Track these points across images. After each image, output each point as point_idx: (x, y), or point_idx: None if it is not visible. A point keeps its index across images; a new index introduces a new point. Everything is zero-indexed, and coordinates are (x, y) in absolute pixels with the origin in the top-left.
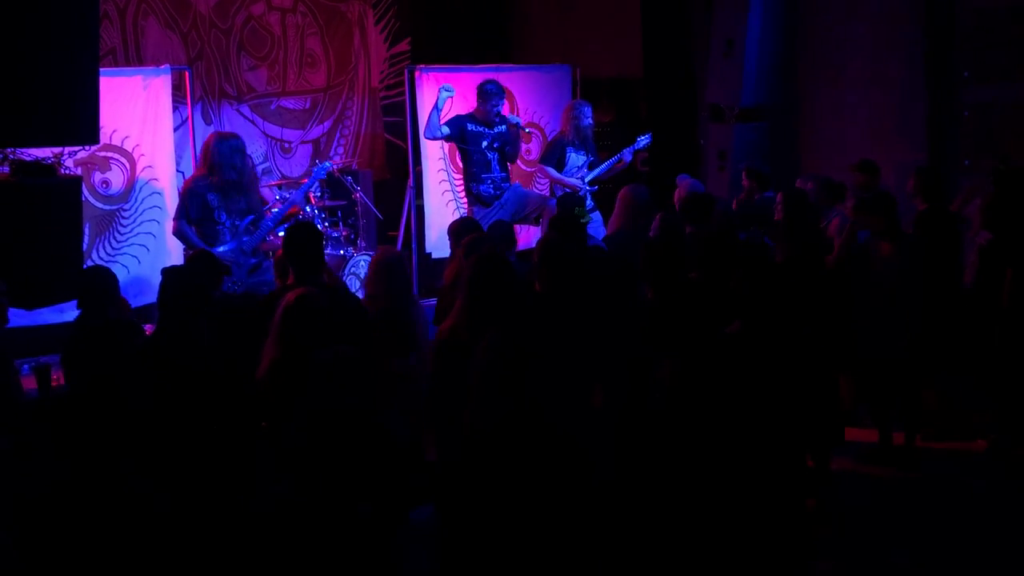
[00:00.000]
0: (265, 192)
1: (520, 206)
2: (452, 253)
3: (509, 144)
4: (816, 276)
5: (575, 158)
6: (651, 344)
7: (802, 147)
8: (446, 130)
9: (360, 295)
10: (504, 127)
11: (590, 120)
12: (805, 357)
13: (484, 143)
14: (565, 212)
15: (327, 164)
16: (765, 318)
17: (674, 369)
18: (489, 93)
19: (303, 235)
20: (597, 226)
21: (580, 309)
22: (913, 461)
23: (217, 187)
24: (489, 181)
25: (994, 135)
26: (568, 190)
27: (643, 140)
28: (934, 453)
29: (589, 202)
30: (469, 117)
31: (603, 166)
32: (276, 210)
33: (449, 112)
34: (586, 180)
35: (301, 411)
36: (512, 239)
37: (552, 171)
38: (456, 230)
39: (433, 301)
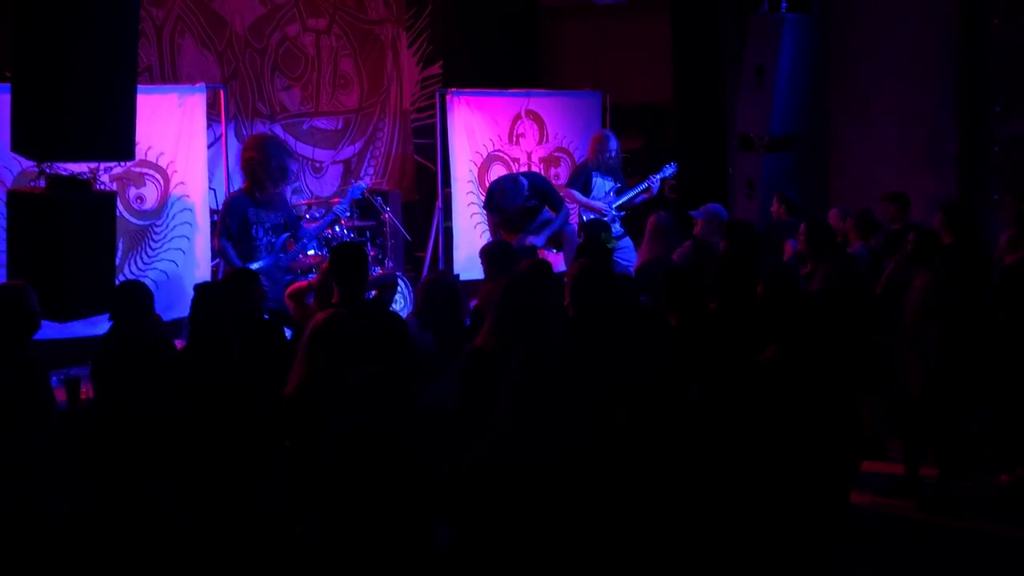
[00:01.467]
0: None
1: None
2: (486, 275)
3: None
4: (842, 307)
5: (601, 183)
6: (674, 369)
7: (831, 178)
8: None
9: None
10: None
11: (615, 151)
12: (834, 386)
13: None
14: (591, 238)
15: (362, 184)
16: (801, 345)
17: (702, 394)
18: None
19: (350, 256)
20: (628, 252)
21: (609, 335)
22: (937, 497)
23: (257, 202)
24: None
25: None
26: (595, 214)
27: (668, 169)
28: (955, 488)
29: (618, 228)
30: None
31: (629, 192)
32: (312, 228)
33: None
34: (613, 206)
35: (332, 429)
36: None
37: (578, 195)
38: (488, 253)
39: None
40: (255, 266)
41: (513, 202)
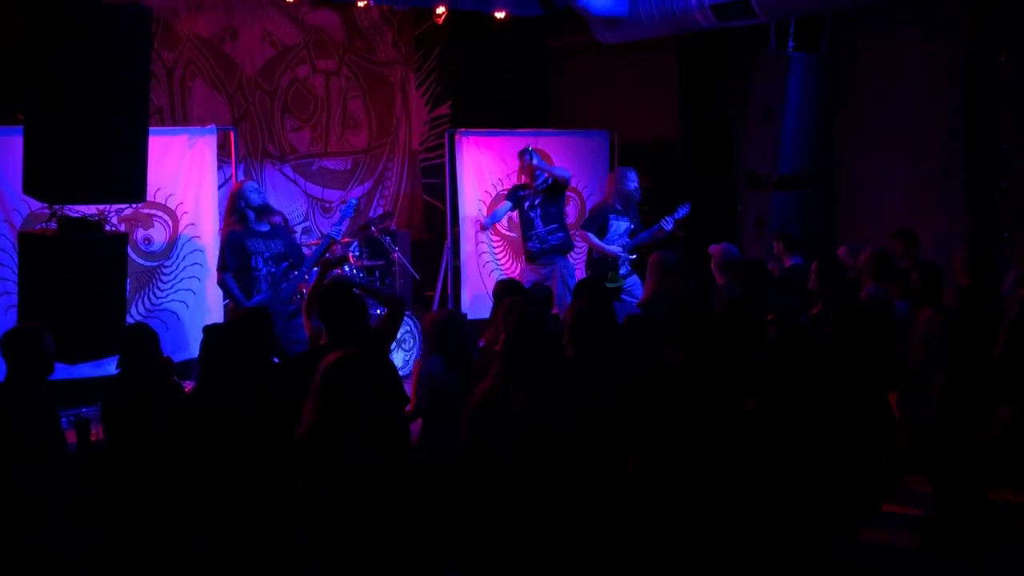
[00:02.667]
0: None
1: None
2: (493, 312)
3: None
4: (859, 346)
5: (617, 224)
6: (681, 410)
7: (840, 216)
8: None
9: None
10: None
11: (635, 185)
12: (833, 428)
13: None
14: (593, 277)
15: (352, 200)
16: (786, 392)
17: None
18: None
19: (335, 297)
20: (636, 289)
21: (609, 376)
22: (950, 534)
23: (254, 233)
24: (535, 238)
25: None
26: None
27: (682, 211)
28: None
29: (626, 268)
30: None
31: (643, 235)
32: (310, 256)
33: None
34: (627, 250)
35: (342, 470)
36: (550, 302)
37: (593, 238)
38: (499, 291)
39: None
40: (257, 298)
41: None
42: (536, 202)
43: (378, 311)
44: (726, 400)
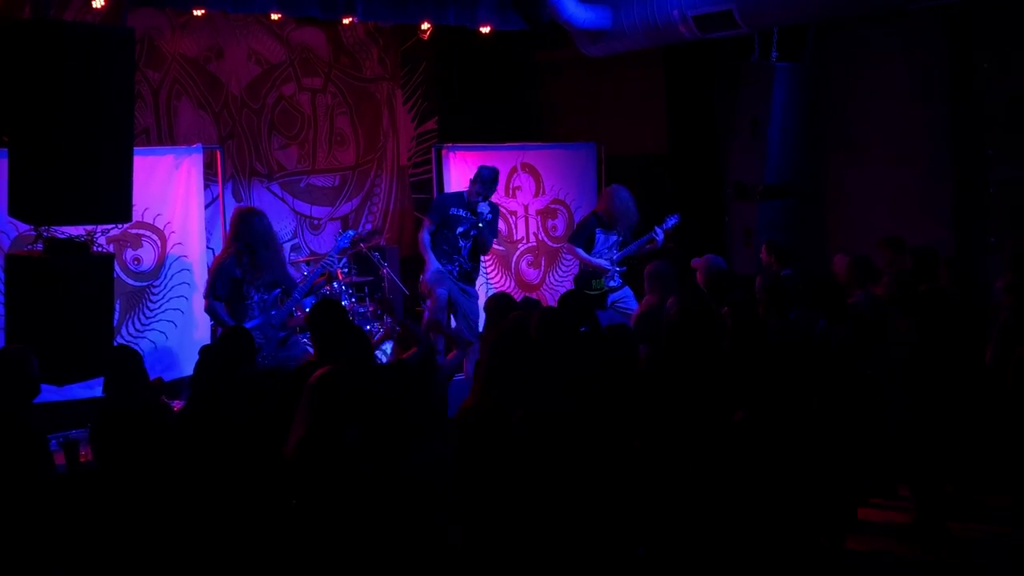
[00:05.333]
0: (292, 270)
1: None
2: (485, 327)
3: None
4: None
5: (604, 238)
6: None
7: (828, 225)
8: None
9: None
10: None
11: (626, 206)
12: (816, 439)
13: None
14: (577, 288)
15: (350, 232)
16: (771, 403)
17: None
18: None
19: (321, 313)
20: (629, 301)
21: (575, 383)
22: (938, 541)
23: (246, 263)
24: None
25: (1020, 213)
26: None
27: (671, 220)
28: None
29: (616, 280)
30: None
31: (632, 245)
32: (302, 284)
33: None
34: (615, 261)
35: (331, 486)
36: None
37: (581, 252)
38: (492, 306)
39: (460, 377)
40: (248, 325)
41: None
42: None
43: (368, 327)
44: (695, 394)
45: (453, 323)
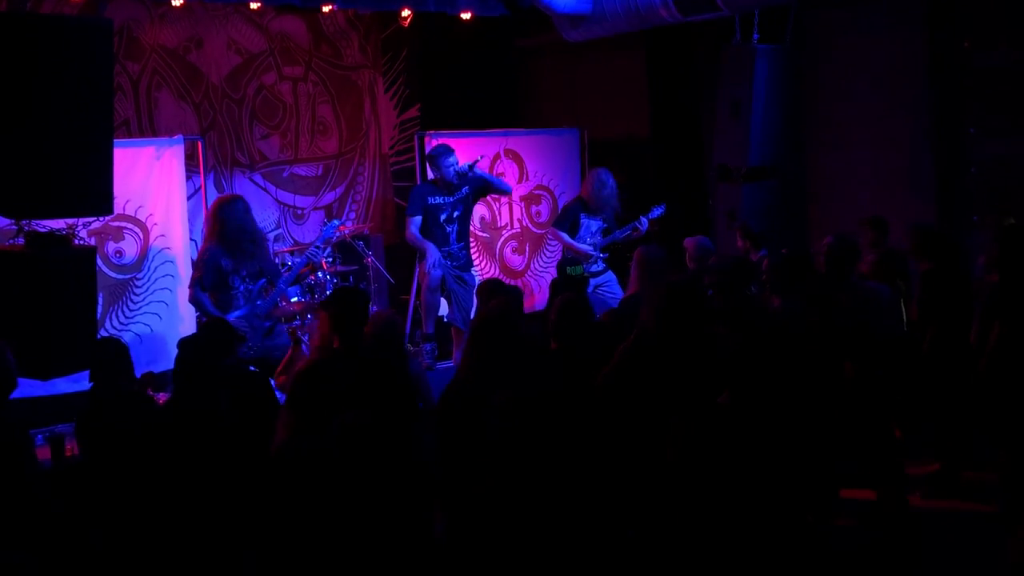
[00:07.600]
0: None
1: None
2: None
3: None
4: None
5: (589, 223)
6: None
7: (811, 205)
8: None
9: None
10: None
11: (609, 190)
12: (800, 422)
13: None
14: (563, 274)
15: (335, 222)
16: (756, 386)
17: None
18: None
19: (350, 301)
20: (612, 286)
21: (593, 365)
22: (906, 525)
23: (229, 252)
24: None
25: (1002, 191)
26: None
27: (657, 211)
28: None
29: (600, 265)
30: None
31: (617, 233)
32: (287, 274)
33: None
34: (599, 248)
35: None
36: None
37: (565, 236)
38: (483, 291)
39: (449, 363)
40: (234, 315)
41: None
42: (454, 215)
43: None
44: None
45: (446, 309)
